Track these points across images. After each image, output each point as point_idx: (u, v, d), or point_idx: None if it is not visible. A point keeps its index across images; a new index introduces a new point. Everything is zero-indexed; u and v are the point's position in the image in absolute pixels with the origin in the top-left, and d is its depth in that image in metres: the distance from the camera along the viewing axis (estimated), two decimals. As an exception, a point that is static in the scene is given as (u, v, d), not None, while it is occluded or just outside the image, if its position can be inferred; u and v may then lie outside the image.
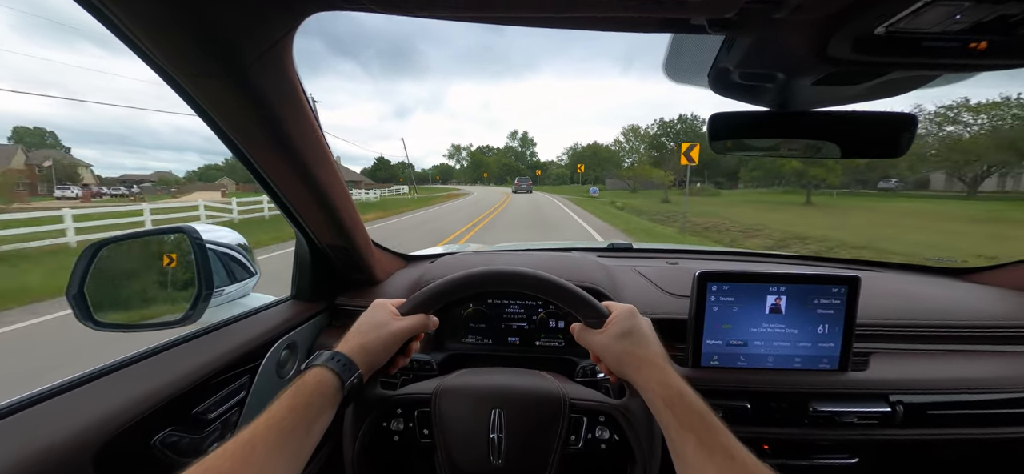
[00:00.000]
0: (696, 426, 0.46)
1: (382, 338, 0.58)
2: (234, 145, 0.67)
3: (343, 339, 0.57)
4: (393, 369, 0.63)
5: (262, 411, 0.46)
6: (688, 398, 0.49)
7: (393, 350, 0.59)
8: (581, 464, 0.61)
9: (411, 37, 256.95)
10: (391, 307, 0.63)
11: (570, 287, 0.63)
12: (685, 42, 0.56)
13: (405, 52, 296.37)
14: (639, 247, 1.54)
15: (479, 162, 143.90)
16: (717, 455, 0.43)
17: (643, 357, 0.55)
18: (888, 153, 0.70)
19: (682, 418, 0.47)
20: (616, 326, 0.59)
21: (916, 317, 0.93)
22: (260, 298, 0.98)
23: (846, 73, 0.54)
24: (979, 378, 0.82)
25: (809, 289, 0.79)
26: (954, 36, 0.42)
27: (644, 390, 0.54)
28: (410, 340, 0.63)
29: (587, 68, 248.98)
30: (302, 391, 0.48)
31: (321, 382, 0.50)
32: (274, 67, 0.55)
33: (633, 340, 0.57)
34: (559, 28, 0.52)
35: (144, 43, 0.48)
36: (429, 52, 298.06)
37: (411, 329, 0.61)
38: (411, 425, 0.60)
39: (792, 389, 0.81)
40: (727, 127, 0.69)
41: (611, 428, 0.60)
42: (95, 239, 0.77)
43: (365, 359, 0.55)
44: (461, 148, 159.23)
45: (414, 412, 0.60)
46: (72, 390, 0.58)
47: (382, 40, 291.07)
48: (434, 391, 0.61)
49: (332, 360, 0.53)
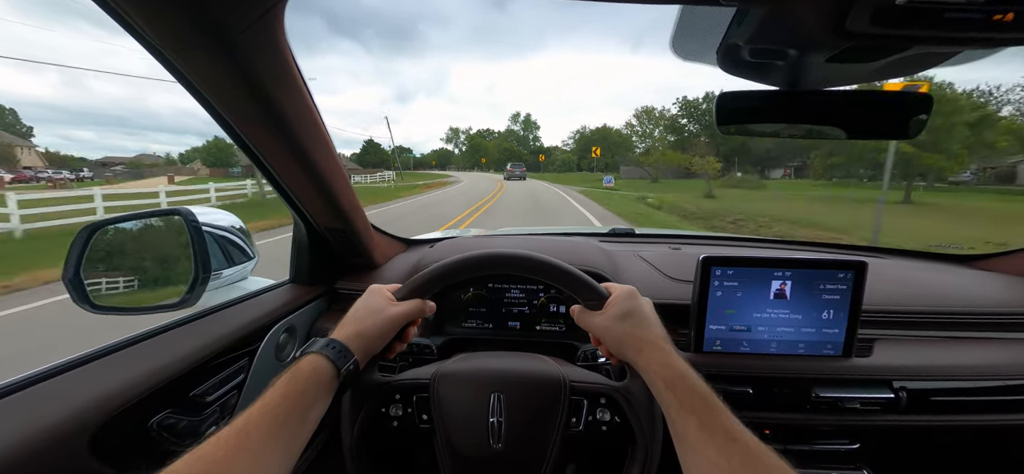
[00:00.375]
0: (698, 408, 0.46)
1: (378, 324, 0.57)
2: (228, 125, 0.65)
3: (339, 325, 0.57)
4: (391, 354, 0.63)
5: (257, 398, 0.45)
6: (690, 380, 0.49)
7: (390, 335, 0.59)
8: (582, 446, 0.61)
9: (413, 17, 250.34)
10: (387, 292, 0.62)
11: (568, 268, 0.62)
12: (694, 16, 0.54)
13: (406, 31, 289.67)
14: (641, 232, 1.52)
15: (478, 146, 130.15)
16: (718, 436, 0.43)
17: (644, 338, 0.55)
18: (897, 135, 0.68)
19: (684, 400, 0.47)
20: (616, 307, 0.58)
21: (921, 303, 0.92)
22: (258, 282, 0.97)
23: (862, 49, 0.52)
24: (984, 365, 0.81)
25: (815, 274, 0.78)
26: (979, 7, 0.40)
27: (645, 372, 0.53)
28: (407, 325, 0.62)
29: (594, 48, 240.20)
30: (297, 378, 0.48)
31: (316, 369, 0.49)
32: (265, 38, 0.53)
33: (633, 321, 0.57)
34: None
35: (131, 17, 0.46)
36: (430, 32, 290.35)
37: (408, 314, 0.60)
38: (410, 410, 0.59)
39: (795, 375, 0.80)
40: (735, 107, 0.67)
41: (612, 410, 0.60)
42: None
43: (361, 345, 0.55)
44: (459, 132, 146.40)
45: (413, 397, 0.60)
46: (70, 370, 0.58)
47: (382, 20, 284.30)
48: (433, 376, 0.61)
49: (327, 347, 0.52)
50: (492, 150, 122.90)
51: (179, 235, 0.81)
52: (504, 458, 0.57)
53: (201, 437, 0.67)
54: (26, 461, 0.46)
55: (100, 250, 0.76)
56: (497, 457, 0.57)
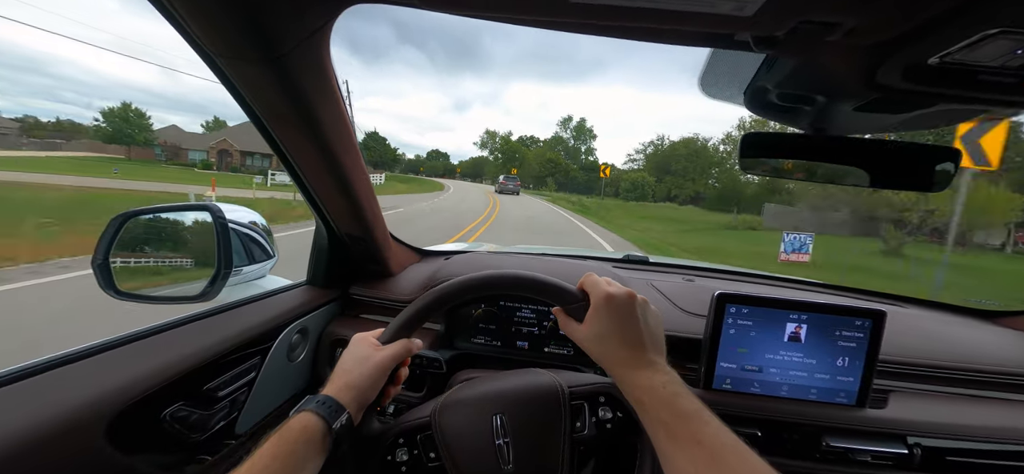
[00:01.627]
0: (664, 418, 0.46)
1: (367, 372, 0.56)
2: (264, 128, 0.68)
3: (328, 381, 0.56)
4: (385, 400, 0.62)
5: (245, 461, 0.44)
6: (655, 391, 0.49)
7: (381, 382, 0.58)
8: (593, 448, 0.61)
9: (475, 31, 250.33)
10: (371, 338, 0.61)
11: (540, 278, 0.61)
12: (724, 57, 0.55)
13: (469, 46, 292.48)
14: (655, 261, 1.51)
15: (513, 154, 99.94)
16: (683, 442, 0.44)
17: (616, 358, 0.54)
18: (922, 186, 0.67)
19: (651, 412, 0.48)
20: (593, 324, 0.56)
21: (941, 358, 0.89)
22: (276, 280, 0.99)
23: (890, 101, 0.52)
24: (1004, 427, 0.79)
25: (832, 320, 0.77)
26: (1013, 72, 0.41)
27: (623, 392, 0.54)
28: (397, 368, 0.62)
29: (656, 76, 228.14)
30: (287, 438, 0.47)
31: (306, 427, 0.48)
32: (311, 56, 0.55)
33: (605, 341, 0.55)
34: (594, 35, 0.51)
35: (187, 23, 0.48)
36: (493, 47, 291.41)
37: (395, 356, 0.60)
38: (416, 451, 0.59)
39: (805, 421, 0.78)
40: (758, 148, 0.67)
41: (613, 407, 0.60)
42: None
43: (354, 397, 0.54)
44: (495, 135, 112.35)
45: (417, 438, 0.59)
46: (91, 356, 0.59)
47: (446, 33, 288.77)
48: (432, 412, 0.60)
49: (318, 404, 0.51)
50: (532, 161, 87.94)
51: (205, 229, 0.83)
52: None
53: (210, 431, 0.68)
54: (46, 442, 0.47)
55: (129, 239, 0.79)
56: None
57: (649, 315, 0.57)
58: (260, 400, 0.79)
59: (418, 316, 0.63)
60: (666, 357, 0.55)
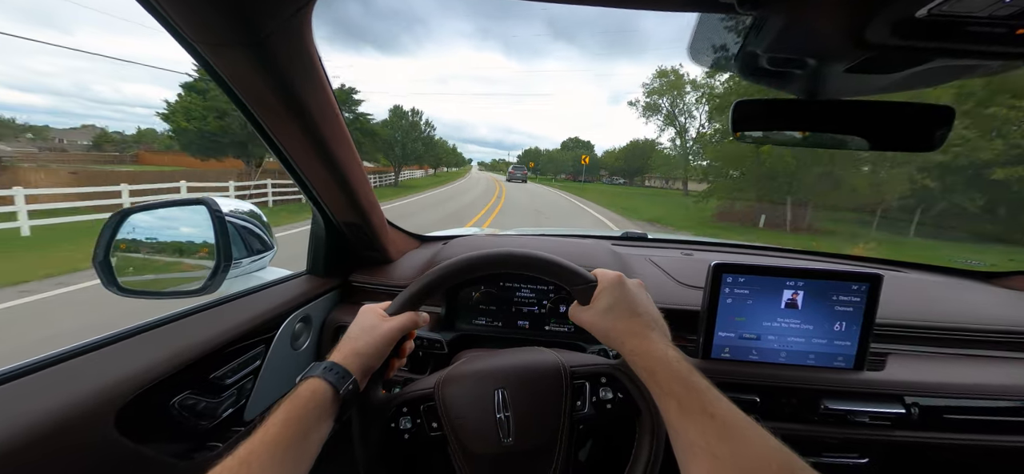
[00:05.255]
0: (676, 391, 0.47)
1: (374, 341, 0.58)
2: (255, 119, 0.68)
3: (335, 348, 0.57)
4: (390, 372, 0.64)
5: (258, 427, 0.45)
6: (669, 364, 0.49)
7: (386, 351, 0.59)
8: (591, 426, 0.61)
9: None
10: (379, 310, 0.63)
11: (552, 258, 0.63)
12: (713, 23, 0.54)
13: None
14: (654, 237, 1.52)
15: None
16: (696, 415, 0.44)
17: (626, 329, 0.55)
18: (921, 146, 0.67)
19: (664, 384, 0.48)
20: (602, 300, 0.59)
21: (938, 319, 0.90)
22: (276, 272, 1.00)
23: (881, 60, 0.51)
24: (1000, 385, 0.80)
25: (828, 285, 0.78)
26: (1003, 21, 0.40)
27: (631, 363, 0.55)
28: (403, 339, 0.63)
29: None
30: (296, 404, 0.48)
31: (314, 393, 0.50)
32: (294, 38, 0.55)
33: (616, 313, 0.57)
34: (576, 4, 0.51)
35: (168, 12, 0.48)
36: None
37: (401, 328, 0.61)
38: (419, 421, 0.60)
39: (804, 385, 0.79)
40: (751, 115, 0.66)
41: (613, 388, 0.61)
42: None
43: (359, 364, 0.55)
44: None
45: (420, 407, 0.60)
46: (100, 349, 0.61)
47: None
48: (435, 383, 0.62)
49: (325, 370, 0.53)
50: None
51: (203, 223, 0.84)
52: (517, 451, 0.58)
53: (217, 418, 0.70)
54: (58, 432, 0.49)
55: (128, 236, 0.80)
56: (510, 451, 0.57)
57: (633, 291, 0.60)
58: (266, 387, 0.81)
59: (426, 290, 0.64)
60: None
